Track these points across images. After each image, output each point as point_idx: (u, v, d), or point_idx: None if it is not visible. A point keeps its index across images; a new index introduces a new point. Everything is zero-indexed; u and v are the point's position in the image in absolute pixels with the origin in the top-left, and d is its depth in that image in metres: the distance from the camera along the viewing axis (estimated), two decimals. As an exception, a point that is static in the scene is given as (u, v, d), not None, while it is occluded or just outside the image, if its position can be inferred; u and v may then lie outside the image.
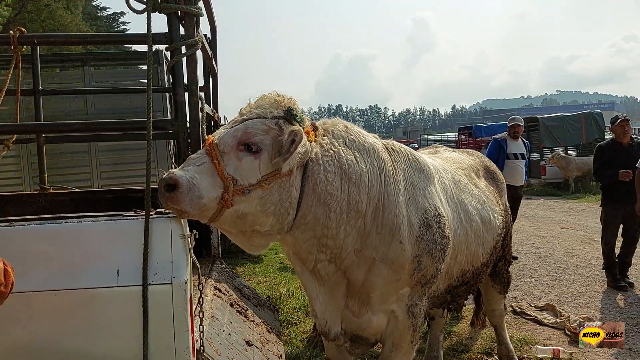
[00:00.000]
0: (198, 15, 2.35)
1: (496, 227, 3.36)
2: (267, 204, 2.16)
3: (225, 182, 2.06)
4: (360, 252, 2.46)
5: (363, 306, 2.59)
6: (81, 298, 2.13)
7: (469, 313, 5.50)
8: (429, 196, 2.70)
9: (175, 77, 2.36)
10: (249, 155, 2.12)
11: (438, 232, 2.65)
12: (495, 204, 3.46)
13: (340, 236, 2.38)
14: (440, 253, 2.66)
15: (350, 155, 2.40)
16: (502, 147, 8.08)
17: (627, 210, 6.42)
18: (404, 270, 2.54)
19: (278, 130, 2.15)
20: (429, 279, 2.67)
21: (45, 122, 3.33)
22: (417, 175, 2.72)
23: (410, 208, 2.58)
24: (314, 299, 2.58)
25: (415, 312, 2.68)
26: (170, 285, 2.15)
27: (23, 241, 2.17)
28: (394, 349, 2.72)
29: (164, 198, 2.03)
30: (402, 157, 2.71)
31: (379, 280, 2.51)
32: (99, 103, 6.74)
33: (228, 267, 4.41)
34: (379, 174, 2.49)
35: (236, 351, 2.83)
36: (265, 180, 2.12)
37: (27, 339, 2.13)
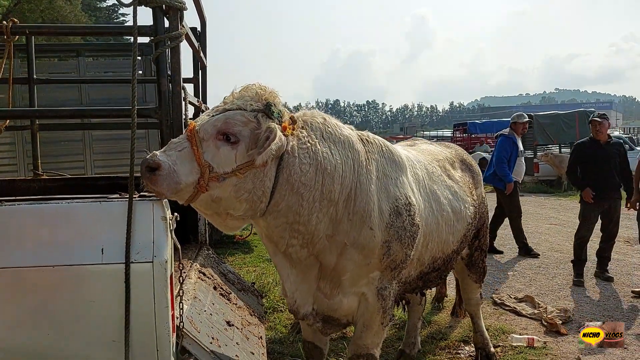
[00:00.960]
0: (181, 9, 2.47)
1: (467, 217, 3.50)
2: (240, 191, 2.29)
3: (202, 169, 2.19)
4: (332, 237, 2.60)
5: (334, 288, 2.74)
6: (67, 274, 2.26)
7: (449, 303, 5.66)
8: (400, 185, 2.84)
9: (159, 67, 2.50)
10: (227, 144, 2.25)
11: (408, 220, 2.79)
12: (468, 194, 3.60)
13: (313, 223, 2.52)
14: (409, 239, 2.80)
15: (326, 147, 2.53)
16: (514, 143, 8.13)
17: (604, 207, 6.57)
18: (374, 254, 2.68)
19: (256, 124, 2.29)
20: (398, 263, 2.81)
21: (35, 108, 3.45)
22: (389, 165, 2.86)
23: (382, 196, 2.72)
24: (285, 279, 2.74)
25: (384, 295, 2.83)
26: (151, 263, 2.28)
27: (13, 220, 2.30)
28: (365, 329, 2.87)
29: (145, 178, 2.17)
30: (375, 148, 2.85)
31: (350, 264, 2.66)
32: (93, 93, 6.87)
33: (214, 253, 4.55)
34: (353, 164, 2.63)
35: (216, 330, 2.96)
36: (240, 169, 2.25)
37: (16, 312, 2.27)
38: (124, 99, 6.35)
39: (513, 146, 8.10)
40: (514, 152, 8.06)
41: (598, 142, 6.68)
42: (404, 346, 4.39)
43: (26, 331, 2.27)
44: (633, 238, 9.09)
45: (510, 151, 8.06)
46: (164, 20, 2.46)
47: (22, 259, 2.25)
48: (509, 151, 8.06)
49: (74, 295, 2.27)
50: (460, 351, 4.58)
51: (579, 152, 6.93)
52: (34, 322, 2.27)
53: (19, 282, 2.26)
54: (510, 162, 8.04)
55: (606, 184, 6.50)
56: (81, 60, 6.90)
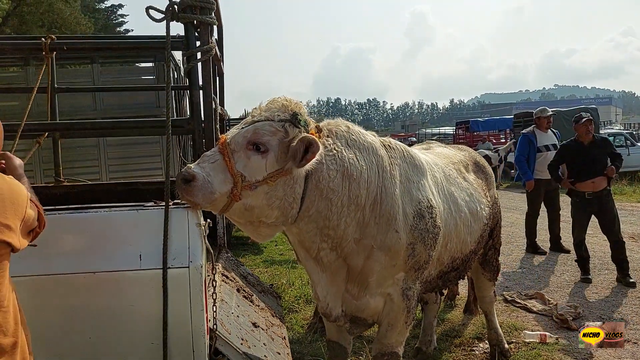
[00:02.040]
0: (212, 24, 2.57)
1: (483, 218, 3.60)
2: (272, 199, 2.39)
3: (235, 178, 2.30)
4: (360, 240, 2.71)
5: (362, 290, 2.84)
6: (108, 280, 2.37)
7: (462, 301, 5.76)
8: (422, 189, 2.94)
9: (191, 80, 2.59)
10: (257, 154, 2.35)
11: (430, 222, 2.89)
12: (483, 196, 3.70)
13: (341, 227, 2.62)
14: (432, 241, 2.91)
15: (352, 154, 2.64)
16: (531, 141, 8.20)
17: (594, 208, 6.59)
18: (399, 256, 2.78)
19: (284, 133, 2.39)
20: (421, 264, 2.91)
21: (73, 121, 3.58)
22: (411, 169, 2.96)
23: (405, 200, 2.83)
24: (317, 283, 2.83)
25: (409, 295, 2.93)
26: (187, 268, 2.39)
27: (55, 229, 2.40)
28: (390, 328, 2.98)
29: (181, 190, 2.26)
30: (398, 154, 2.96)
31: (377, 265, 2.76)
32: (107, 99, 6.97)
33: (233, 256, 4.66)
34: (377, 170, 2.74)
35: (244, 331, 3.07)
36: (271, 177, 2.36)
37: (60, 316, 2.37)
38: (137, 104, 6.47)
39: (530, 144, 8.19)
40: (532, 149, 8.14)
41: (582, 144, 6.70)
42: (420, 344, 4.49)
43: (70, 335, 2.38)
44: (638, 234, 9.18)
45: (528, 149, 8.17)
46: (194, 34, 2.55)
47: (64, 266, 2.35)
48: (526, 149, 8.18)
49: (115, 300, 2.38)
50: (474, 348, 4.67)
51: (563, 153, 6.99)
52: (77, 327, 2.38)
53: (62, 288, 2.36)
54: (530, 160, 8.15)
55: (588, 173, 6.51)
56: (95, 67, 7.02)
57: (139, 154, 6.81)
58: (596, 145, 6.67)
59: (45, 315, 2.33)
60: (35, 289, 2.30)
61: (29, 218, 1.87)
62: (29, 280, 2.22)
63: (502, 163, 19.80)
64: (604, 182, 6.57)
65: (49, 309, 2.34)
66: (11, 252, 1.77)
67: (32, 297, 2.25)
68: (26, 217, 1.83)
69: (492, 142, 25.08)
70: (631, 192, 14.91)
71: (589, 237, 7.09)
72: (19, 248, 1.78)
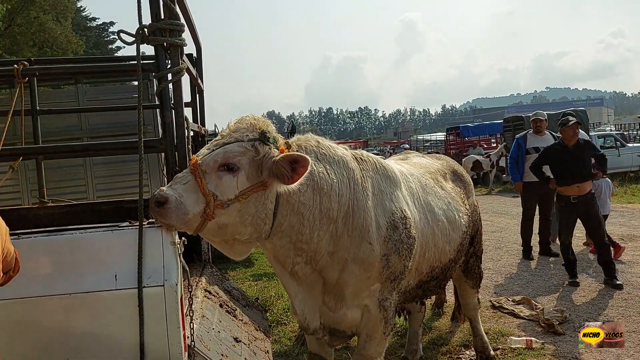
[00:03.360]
0: (182, 46, 2.62)
1: (462, 226, 3.65)
2: (244, 216, 2.43)
3: (207, 198, 2.33)
4: (334, 254, 2.74)
5: (338, 302, 2.87)
6: (83, 301, 2.39)
7: (449, 309, 5.79)
8: (396, 200, 2.98)
9: (162, 100, 2.64)
10: (228, 174, 2.39)
11: (404, 233, 2.93)
12: (461, 204, 3.75)
13: (314, 241, 2.66)
14: (407, 251, 2.95)
15: (322, 168, 2.67)
16: (520, 144, 8.35)
17: (580, 211, 6.64)
18: (374, 268, 2.82)
19: (254, 152, 2.44)
20: (397, 275, 2.95)
21: (48, 144, 3.61)
22: (384, 181, 3.01)
23: (378, 211, 2.87)
24: (294, 297, 2.87)
25: (386, 306, 2.97)
26: (162, 287, 2.41)
27: (30, 252, 2.43)
28: (368, 339, 3.01)
29: (154, 212, 2.30)
30: (370, 166, 3.00)
31: (352, 278, 2.79)
32: (92, 118, 7.00)
33: (218, 271, 4.68)
34: (349, 182, 2.77)
35: (225, 347, 3.09)
36: (243, 195, 2.39)
37: (37, 339, 2.39)
38: (122, 123, 6.49)
39: (519, 147, 8.34)
40: (520, 153, 8.28)
41: (566, 147, 6.77)
42: (406, 353, 4.52)
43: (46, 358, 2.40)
44: (627, 235, 9.24)
45: (517, 153, 8.34)
46: (165, 56, 2.61)
47: (39, 289, 2.37)
48: (515, 152, 8.39)
49: (91, 321, 2.40)
50: (461, 356, 4.70)
51: (547, 155, 7.06)
52: (54, 349, 2.39)
53: (37, 311, 2.38)
54: (519, 163, 8.29)
55: (574, 177, 6.57)
56: (79, 88, 7.05)
57: (126, 171, 6.82)
58: (580, 148, 6.74)
59: (22, 338, 2.35)
60: (11, 313, 2.33)
61: (8, 252, 1.90)
62: (3, 304, 2.24)
63: (494, 168, 19.90)
64: (589, 186, 6.65)
65: (25, 332, 2.35)
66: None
67: (7, 321, 2.28)
68: (5, 249, 1.86)
69: (483, 147, 25.19)
70: (622, 193, 15.00)
71: (577, 240, 7.15)
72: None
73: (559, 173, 6.80)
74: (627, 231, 9.61)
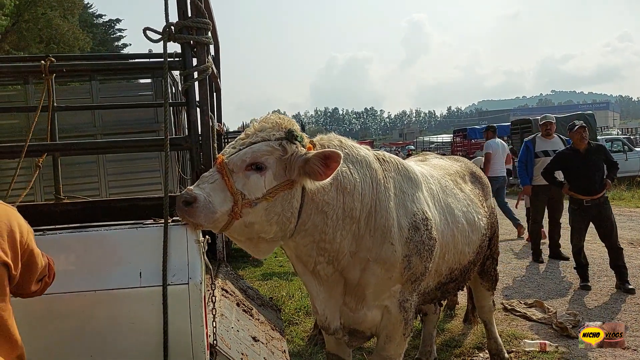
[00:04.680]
0: (208, 44, 2.62)
1: (481, 228, 3.63)
2: (271, 214, 2.42)
3: (235, 197, 2.33)
4: (356, 254, 2.73)
5: (359, 302, 2.86)
6: (108, 298, 2.39)
7: (461, 311, 5.78)
8: (417, 201, 2.98)
9: (188, 98, 2.63)
10: (256, 173, 2.39)
11: (426, 234, 2.92)
12: (480, 206, 3.74)
13: (337, 240, 2.65)
14: (427, 253, 2.94)
15: (345, 167, 2.67)
16: (528, 148, 8.36)
17: (592, 214, 6.63)
18: (395, 269, 2.81)
19: (282, 151, 2.43)
20: (418, 276, 2.94)
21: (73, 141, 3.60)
22: (405, 182, 3.00)
23: (400, 212, 2.86)
24: (315, 297, 2.86)
25: (406, 307, 2.96)
26: (187, 285, 2.41)
27: (55, 248, 2.43)
28: (388, 340, 3.00)
29: (182, 212, 2.29)
30: (392, 166, 2.99)
31: (373, 278, 2.78)
32: (105, 115, 7.02)
33: (233, 270, 4.68)
34: (371, 182, 2.77)
35: (244, 346, 3.09)
36: (270, 193, 2.39)
37: (61, 336, 2.39)
38: (136, 120, 6.51)
39: (527, 151, 8.34)
40: (529, 156, 8.27)
41: (577, 151, 6.76)
42: (420, 355, 4.50)
43: (71, 354, 2.40)
44: (637, 239, 9.20)
45: (525, 157, 8.34)
46: (191, 54, 2.60)
47: (64, 285, 2.37)
48: (524, 156, 8.39)
49: (115, 318, 2.39)
50: (475, 358, 4.69)
51: (559, 160, 7.06)
52: (78, 345, 2.40)
53: (62, 308, 2.38)
54: (528, 166, 8.27)
55: (588, 184, 6.56)
56: (93, 85, 7.07)
57: (139, 169, 6.85)
58: (592, 151, 6.72)
59: (46, 334, 2.35)
60: (35, 309, 2.33)
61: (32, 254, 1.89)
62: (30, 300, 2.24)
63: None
64: (603, 198, 6.65)
65: (49, 328, 2.36)
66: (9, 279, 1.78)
67: (31, 317, 2.28)
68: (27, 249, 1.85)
69: (490, 150, 25.10)
70: (629, 197, 14.95)
71: (588, 244, 7.12)
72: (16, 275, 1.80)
73: (572, 178, 6.78)
74: (636, 235, 9.58)
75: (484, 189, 4.05)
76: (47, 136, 3.47)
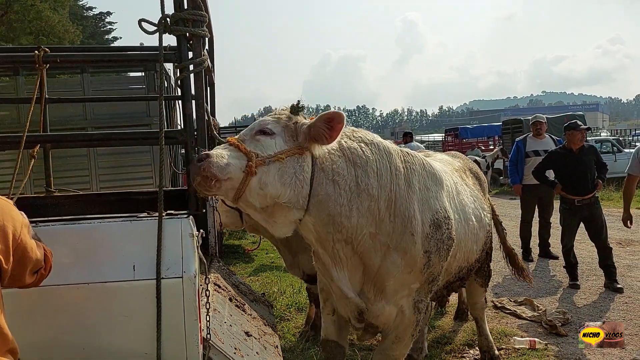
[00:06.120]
0: (204, 36, 2.60)
1: (486, 225, 3.65)
2: (284, 175, 2.47)
3: (248, 155, 2.39)
4: (375, 236, 2.72)
5: (378, 294, 2.84)
6: (101, 291, 2.38)
7: (452, 308, 5.80)
8: (440, 199, 2.99)
9: (183, 92, 2.62)
10: (266, 136, 2.50)
11: (446, 233, 2.93)
12: (484, 202, 3.77)
13: (354, 214, 2.64)
14: (445, 252, 2.95)
15: (354, 144, 2.71)
16: (519, 147, 8.38)
17: (584, 214, 6.69)
18: (416, 263, 2.80)
19: (286, 118, 2.56)
20: (435, 276, 2.95)
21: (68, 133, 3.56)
22: (429, 179, 3.01)
23: (423, 207, 2.87)
24: (336, 281, 2.84)
25: (420, 308, 2.96)
26: (181, 279, 2.40)
27: (48, 241, 2.40)
28: (397, 340, 2.99)
29: (196, 167, 2.30)
30: (416, 161, 3.02)
31: (393, 268, 2.77)
32: (97, 108, 6.96)
33: (225, 265, 4.66)
34: (389, 167, 2.78)
35: (237, 340, 3.08)
36: (281, 154, 2.46)
37: (54, 329, 2.37)
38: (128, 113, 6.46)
39: (518, 150, 8.37)
40: (520, 155, 8.28)
41: (571, 150, 6.79)
42: (411, 351, 4.48)
43: (63, 347, 2.38)
44: (625, 240, 9.29)
45: (516, 156, 8.36)
46: (187, 47, 2.58)
47: (56, 278, 2.34)
48: (515, 155, 8.42)
49: (108, 311, 2.38)
50: (465, 355, 4.72)
51: (551, 159, 7.09)
52: (70, 338, 2.38)
53: (53, 301, 2.36)
54: (518, 166, 8.29)
55: (580, 184, 6.61)
56: (85, 77, 7.00)
57: (130, 163, 6.80)
58: (584, 152, 6.76)
59: (37, 327, 2.33)
60: (27, 301, 2.30)
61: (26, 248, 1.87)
62: (22, 293, 2.22)
63: (490, 169, 19.94)
64: (594, 198, 6.71)
65: (41, 321, 2.34)
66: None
67: (23, 309, 2.26)
68: (21, 244, 1.83)
69: (481, 149, 25.27)
70: (618, 198, 15.04)
71: (577, 243, 7.18)
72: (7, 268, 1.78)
73: (563, 177, 6.82)
74: (624, 236, 9.65)
75: (482, 184, 4.09)
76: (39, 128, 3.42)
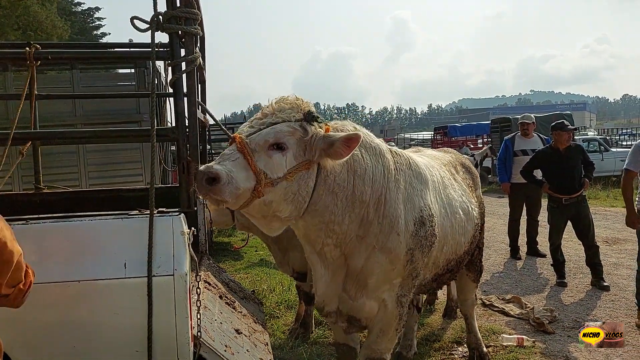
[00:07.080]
0: (197, 35, 2.60)
1: (474, 218, 3.71)
2: (289, 194, 2.45)
3: (258, 176, 2.33)
4: (363, 239, 2.76)
5: (359, 290, 2.88)
6: (92, 288, 2.37)
7: (441, 306, 5.85)
8: (424, 197, 3.04)
9: (175, 90, 2.61)
10: (278, 152, 2.41)
11: (429, 231, 2.99)
12: (472, 196, 3.82)
13: (345, 222, 2.68)
14: (427, 249, 3.01)
15: (357, 151, 2.69)
16: (507, 146, 8.44)
17: (571, 213, 6.75)
18: (399, 261, 2.85)
19: (302, 132, 2.47)
20: (418, 272, 3.00)
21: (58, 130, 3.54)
22: (415, 177, 3.06)
23: (408, 206, 2.91)
24: (318, 279, 2.89)
25: (403, 302, 3.00)
26: (172, 276, 2.41)
27: (39, 238, 2.40)
28: (381, 334, 3.03)
29: (205, 190, 2.25)
30: (404, 161, 3.05)
31: (377, 267, 2.81)
32: (86, 105, 6.91)
33: (215, 262, 4.67)
34: (383, 170, 2.81)
35: (227, 338, 3.09)
36: (290, 173, 2.42)
37: (43, 326, 2.36)
38: (118, 110, 6.42)
39: (507, 149, 8.42)
40: (508, 154, 8.35)
41: (558, 150, 6.85)
42: (400, 348, 4.54)
43: (53, 344, 2.37)
44: (612, 238, 9.39)
45: (504, 155, 8.42)
46: (179, 45, 2.58)
47: (46, 275, 2.34)
48: (503, 154, 8.48)
49: (100, 308, 2.38)
50: (454, 352, 4.75)
51: (539, 158, 7.14)
52: (61, 336, 2.37)
53: (43, 298, 2.35)
54: (506, 164, 8.36)
55: (567, 183, 6.67)
56: (74, 73, 6.95)
57: (119, 160, 6.77)
58: (571, 151, 6.83)
59: (29, 324, 2.33)
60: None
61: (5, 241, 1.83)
62: (13, 289, 2.21)
63: (478, 168, 20.08)
64: (581, 197, 6.77)
65: (31, 318, 2.33)
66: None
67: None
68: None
69: (470, 147, 25.41)
70: (605, 197, 15.24)
71: (564, 241, 7.25)
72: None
73: (551, 176, 6.89)
74: (611, 234, 9.77)
75: (474, 179, 4.13)
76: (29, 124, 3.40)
